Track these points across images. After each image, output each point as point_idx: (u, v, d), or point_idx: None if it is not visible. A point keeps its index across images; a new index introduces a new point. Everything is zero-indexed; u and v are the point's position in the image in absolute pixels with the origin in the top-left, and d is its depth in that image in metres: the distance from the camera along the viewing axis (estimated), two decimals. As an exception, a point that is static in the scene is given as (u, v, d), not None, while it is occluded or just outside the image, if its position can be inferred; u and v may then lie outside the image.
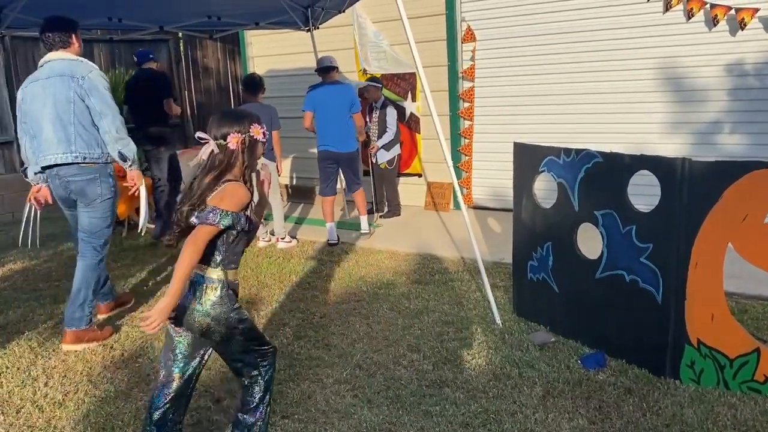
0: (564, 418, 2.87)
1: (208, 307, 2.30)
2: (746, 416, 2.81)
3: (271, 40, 8.38)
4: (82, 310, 3.91)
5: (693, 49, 5.76)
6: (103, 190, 3.93)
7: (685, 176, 3.01)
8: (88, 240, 3.98)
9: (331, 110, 5.94)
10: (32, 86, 3.87)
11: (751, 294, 4.11)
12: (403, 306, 4.31)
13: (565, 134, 6.33)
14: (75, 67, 3.81)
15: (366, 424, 2.88)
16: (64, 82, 3.77)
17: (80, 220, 3.98)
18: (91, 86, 3.78)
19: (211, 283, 2.31)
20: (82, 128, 3.81)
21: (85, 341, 3.90)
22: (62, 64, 3.83)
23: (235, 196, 2.29)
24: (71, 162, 3.81)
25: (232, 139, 2.32)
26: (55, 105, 3.78)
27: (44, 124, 3.81)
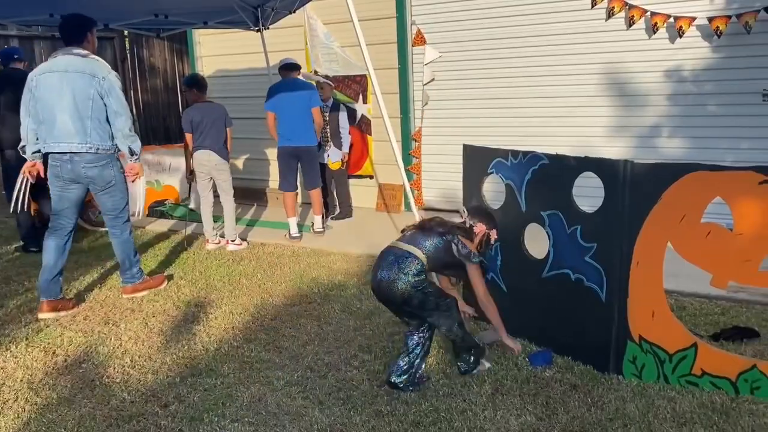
0: (512, 414, 2.92)
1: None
2: (684, 409, 2.92)
3: (220, 39, 8.27)
4: (131, 271, 4.67)
5: (634, 56, 5.96)
6: (115, 173, 4.44)
7: (627, 178, 3.11)
8: (114, 219, 4.56)
9: (292, 106, 5.96)
10: (48, 76, 4.23)
11: (689, 291, 4.27)
12: (355, 307, 4.32)
13: (514, 137, 6.46)
14: (95, 67, 4.25)
15: (317, 426, 2.87)
16: (84, 80, 4.20)
17: (103, 204, 4.52)
18: (110, 87, 4.26)
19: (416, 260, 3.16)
20: (98, 123, 4.28)
21: (141, 291, 4.71)
22: (81, 61, 4.25)
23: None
24: (86, 152, 4.27)
25: (478, 228, 3.42)
26: (74, 99, 4.20)
27: (60, 115, 4.22)
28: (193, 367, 3.51)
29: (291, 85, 6.04)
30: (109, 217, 4.56)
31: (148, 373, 3.46)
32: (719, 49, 5.60)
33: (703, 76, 5.71)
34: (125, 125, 4.32)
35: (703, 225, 2.99)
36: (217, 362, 3.56)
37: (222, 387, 3.27)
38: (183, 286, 4.92)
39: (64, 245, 4.46)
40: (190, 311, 4.37)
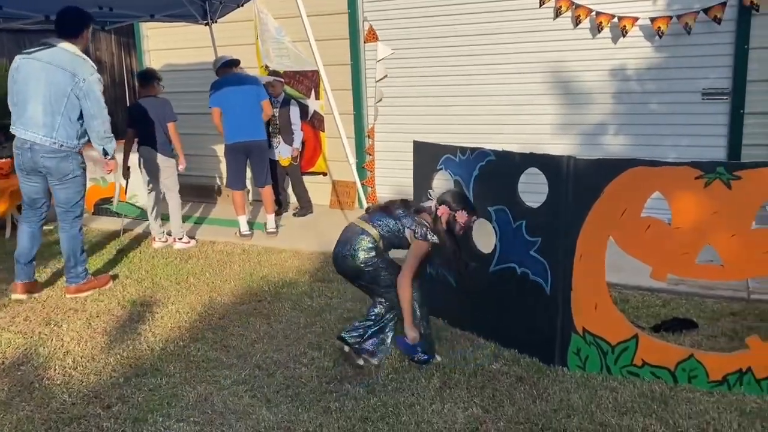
0: (459, 407, 2.96)
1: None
2: (626, 398, 3.00)
3: (169, 33, 8.09)
4: (76, 270, 4.56)
5: (580, 54, 6.08)
6: (74, 167, 4.41)
7: (570, 173, 3.18)
8: (65, 212, 4.50)
9: (239, 100, 5.87)
10: (31, 62, 4.26)
11: (632, 285, 4.39)
12: (306, 304, 4.29)
13: (464, 134, 6.51)
14: (78, 66, 4.26)
15: (264, 424, 2.85)
16: (65, 77, 4.22)
17: (57, 196, 4.48)
18: (89, 89, 4.27)
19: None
20: (68, 120, 4.29)
21: (85, 291, 4.60)
22: (67, 56, 4.27)
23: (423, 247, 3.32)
24: (48, 144, 4.28)
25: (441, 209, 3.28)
26: (50, 92, 4.22)
27: (32, 103, 4.25)
28: (137, 367, 3.43)
29: (236, 80, 5.95)
30: (61, 210, 4.51)
31: (91, 374, 3.38)
32: (661, 49, 5.77)
33: (645, 75, 5.87)
34: (101, 127, 4.38)
35: (643, 219, 3.08)
36: (163, 362, 3.49)
37: (167, 387, 3.21)
38: (129, 286, 4.81)
39: (37, 231, 4.61)
40: (136, 311, 4.28)
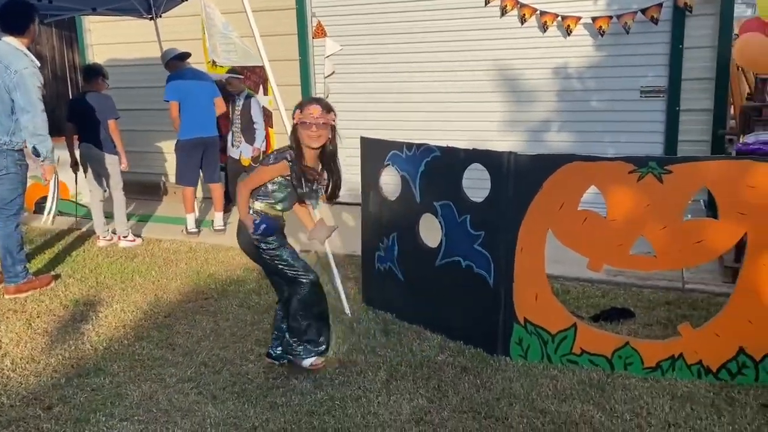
0: (405, 399, 3.01)
1: None
2: (565, 386, 3.10)
3: (113, 27, 7.91)
4: (15, 269, 4.44)
5: (526, 53, 6.22)
6: (7, 164, 4.31)
7: (511, 169, 3.26)
8: (3, 209, 4.38)
9: (197, 96, 5.87)
10: None
11: (572, 276, 4.52)
12: (253, 302, 4.28)
13: (412, 131, 6.55)
14: (14, 58, 4.19)
15: (210, 420, 2.84)
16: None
17: None
18: (20, 81, 4.16)
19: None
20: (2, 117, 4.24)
21: (25, 291, 4.47)
22: (6, 50, 4.22)
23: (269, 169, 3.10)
24: None
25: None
26: None
27: None
28: (80, 368, 3.37)
29: (192, 74, 5.94)
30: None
31: (31, 376, 3.30)
32: (602, 48, 5.95)
33: (587, 73, 6.05)
34: (30, 122, 4.22)
35: (580, 212, 3.19)
36: (106, 361, 3.43)
37: (111, 386, 3.17)
38: (71, 285, 4.70)
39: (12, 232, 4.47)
40: (79, 310, 4.19)
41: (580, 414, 2.85)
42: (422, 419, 2.84)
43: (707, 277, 4.47)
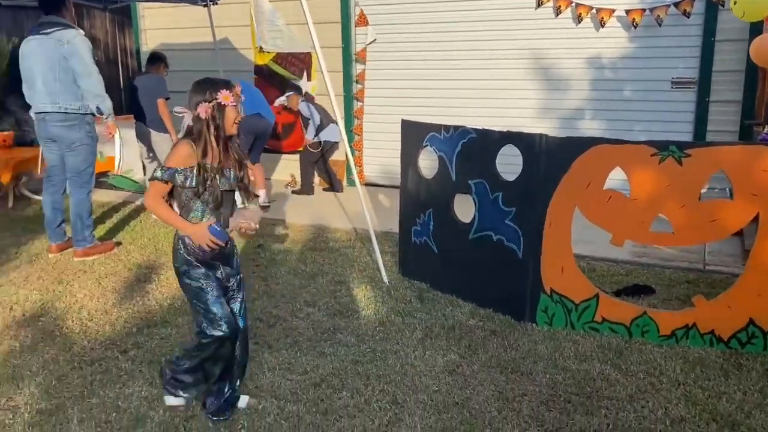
0: (439, 354, 3.34)
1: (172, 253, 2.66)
2: (586, 349, 3.40)
3: (166, 13, 8.34)
4: (83, 234, 4.87)
5: (560, 43, 6.45)
6: (82, 135, 4.77)
7: (542, 150, 3.55)
8: (74, 178, 4.85)
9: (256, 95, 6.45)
10: (29, 42, 4.69)
11: (599, 256, 4.79)
12: (300, 269, 4.65)
13: (449, 117, 6.85)
14: (63, 33, 4.57)
15: (267, 364, 3.21)
16: (53, 44, 4.56)
17: (66, 162, 4.84)
18: (74, 50, 4.57)
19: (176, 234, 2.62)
20: (65, 85, 4.62)
21: (91, 255, 4.91)
22: (53, 27, 4.60)
23: (176, 153, 2.50)
24: (56, 111, 4.65)
25: (200, 109, 2.49)
26: (46, 63, 4.59)
27: (37, 77, 4.65)
28: (148, 320, 3.78)
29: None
30: (70, 176, 4.86)
31: (106, 325, 3.71)
32: (635, 40, 6.15)
33: (620, 63, 6.26)
34: (90, 85, 4.64)
35: (605, 191, 3.46)
36: (171, 315, 3.84)
37: (177, 336, 3.57)
38: (132, 251, 5.13)
39: (58, 201, 4.98)
40: (142, 272, 4.61)
41: (598, 372, 3.15)
42: (454, 371, 3.17)
43: (728, 260, 4.70)
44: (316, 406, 2.84)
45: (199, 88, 2.55)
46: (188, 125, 2.57)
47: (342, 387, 3.01)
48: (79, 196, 4.88)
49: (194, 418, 2.76)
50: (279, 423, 2.72)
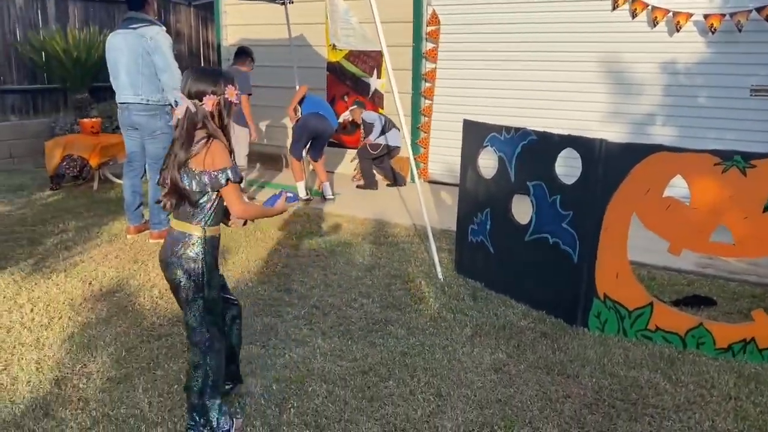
0: (487, 352, 3.40)
1: (183, 262, 2.42)
2: (636, 356, 3.38)
3: (245, 10, 8.66)
4: (159, 217, 5.15)
5: (634, 47, 6.33)
6: (162, 125, 5.08)
7: (601, 154, 3.54)
8: (153, 165, 5.15)
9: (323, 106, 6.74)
10: (115, 37, 5.02)
11: (661, 265, 4.71)
12: (357, 261, 4.79)
13: (516, 117, 6.83)
14: (146, 29, 4.89)
15: (319, 350, 3.36)
16: (137, 39, 4.87)
17: (147, 149, 5.18)
18: (156, 46, 4.87)
19: (191, 239, 2.42)
20: (147, 78, 4.94)
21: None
22: (137, 23, 4.91)
23: (223, 154, 2.37)
24: (138, 102, 4.98)
25: (207, 101, 2.36)
26: (130, 57, 4.91)
27: (121, 70, 4.97)
28: (213, 301, 4.00)
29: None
30: (150, 162, 5.19)
31: (174, 303, 3.92)
32: (712, 45, 5.97)
33: (695, 69, 6.08)
34: (170, 80, 4.92)
35: (664, 198, 3.43)
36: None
37: (238, 317, 3.77)
38: (203, 236, 5.40)
39: (137, 185, 5.34)
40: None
41: (646, 380, 3.14)
42: (500, 369, 3.22)
43: (799, 276, 4.53)
44: (362, 393, 2.96)
45: (205, 77, 2.40)
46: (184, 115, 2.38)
47: (389, 376, 3.12)
48: (156, 182, 5.15)
49: (248, 394, 2.93)
50: (326, 405, 2.85)
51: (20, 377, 3.05)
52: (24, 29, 8.51)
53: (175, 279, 2.46)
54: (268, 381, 3.05)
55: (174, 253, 2.44)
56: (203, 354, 2.51)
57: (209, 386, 2.52)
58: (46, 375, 3.08)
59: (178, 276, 2.45)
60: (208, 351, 2.51)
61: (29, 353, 3.28)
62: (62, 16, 8.92)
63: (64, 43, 8.32)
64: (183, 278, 2.44)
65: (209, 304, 2.51)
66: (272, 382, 3.04)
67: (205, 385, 2.51)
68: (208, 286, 2.48)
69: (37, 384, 2.99)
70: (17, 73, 8.54)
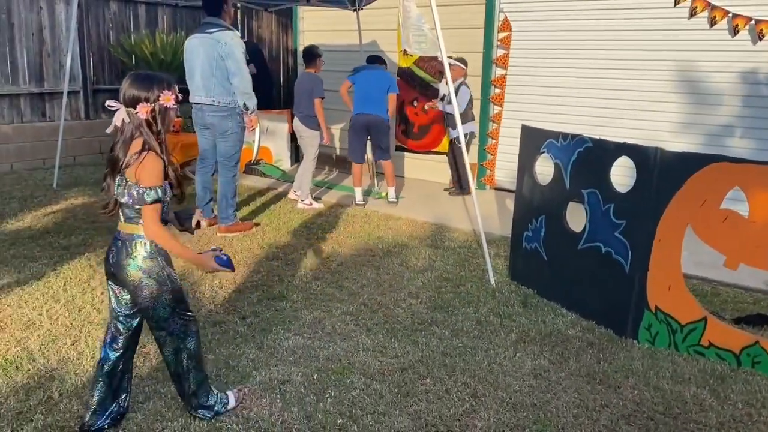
0: (529, 357, 3.39)
1: (139, 261, 2.41)
2: (685, 371, 3.29)
3: (321, 16, 8.93)
4: (227, 212, 5.44)
5: (713, 55, 6.10)
6: (233, 125, 5.33)
7: (656, 163, 3.47)
8: (223, 162, 5.44)
9: (370, 82, 6.57)
10: (192, 41, 5.29)
11: (727, 282, 4.52)
12: (411, 263, 4.86)
13: (586, 126, 6.73)
14: (222, 34, 5.14)
15: (362, 345, 3.46)
16: (212, 44, 5.13)
17: (218, 148, 5.44)
18: (230, 51, 5.11)
19: (140, 239, 2.42)
20: (220, 81, 5.19)
21: (233, 232, 5.48)
22: (213, 28, 5.17)
23: (154, 170, 2.32)
24: (210, 103, 5.25)
25: (141, 109, 2.31)
26: (205, 60, 5.18)
27: (196, 72, 5.26)
28: (269, 293, 4.18)
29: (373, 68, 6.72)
30: (221, 160, 5.45)
31: (232, 294, 4.16)
32: (797, 54, 5.67)
33: (778, 79, 5.80)
34: (240, 83, 5.16)
35: (721, 210, 3.32)
36: (289, 291, 4.21)
37: (290, 310, 3.92)
38: (267, 232, 5.63)
39: (208, 182, 5.63)
40: (272, 251, 5.06)
41: (692, 395, 3.05)
42: (540, 375, 3.21)
43: None
44: (398, 388, 3.03)
45: (138, 83, 2.34)
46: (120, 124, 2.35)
47: (427, 374, 3.18)
48: (226, 178, 5.44)
49: (289, 382, 3.06)
50: (362, 397, 2.94)
51: (85, 353, 3.30)
52: (117, 33, 9.09)
53: (133, 281, 2.42)
54: (310, 371, 3.17)
55: (128, 254, 2.42)
56: (181, 340, 2.56)
57: (194, 367, 2.62)
58: (109, 352, 3.32)
59: (137, 277, 2.42)
60: (185, 336, 2.57)
61: (96, 331, 3.54)
62: (152, 21, 9.47)
63: (152, 46, 8.83)
64: (143, 278, 2.42)
65: (176, 295, 2.52)
66: (314, 372, 3.16)
67: (189, 366, 2.60)
68: (170, 278, 2.49)
69: (100, 359, 3.23)
70: (109, 74, 9.12)
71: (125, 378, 2.67)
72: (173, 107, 2.40)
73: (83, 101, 8.85)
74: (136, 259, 2.42)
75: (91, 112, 8.96)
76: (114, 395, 2.63)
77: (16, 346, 3.35)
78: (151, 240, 2.42)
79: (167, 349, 2.58)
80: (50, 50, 8.37)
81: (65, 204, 6.36)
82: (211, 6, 5.28)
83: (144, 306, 2.48)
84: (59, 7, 8.39)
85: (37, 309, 3.81)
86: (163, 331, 2.54)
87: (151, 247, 2.44)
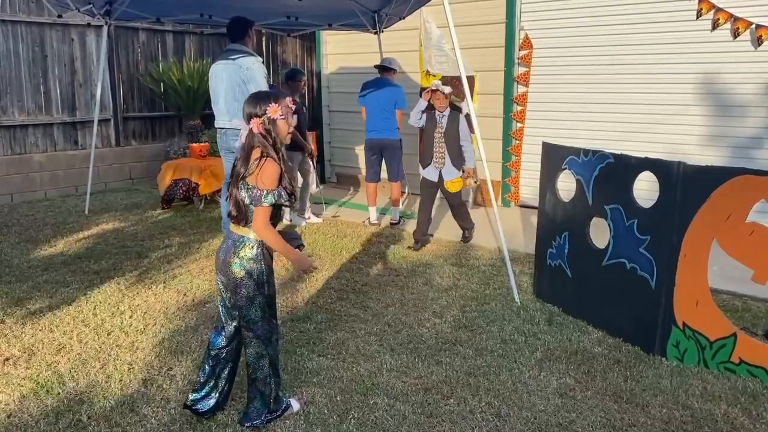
0: (554, 376, 3.36)
1: (245, 262, 2.66)
2: (716, 389, 3.22)
3: (343, 40, 9.05)
4: None
5: (737, 67, 6.03)
6: None
7: (680, 178, 3.43)
8: None
9: (380, 103, 6.58)
10: (216, 67, 5.41)
11: (761, 297, 4.43)
12: (436, 282, 4.86)
13: (609, 141, 6.69)
14: (244, 59, 5.24)
15: (386, 366, 3.46)
16: (235, 69, 5.23)
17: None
18: (252, 76, 5.19)
19: (249, 242, 2.68)
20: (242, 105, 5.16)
21: None
22: (236, 54, 5.28)
23: (272, 174, 2.59)
24: (233, 128, 5.13)
25: (253, 123, 2.65)
26: (228, 85, 5.28)
27: (220, 97, 5.38)
28: (293, 314, 4.21)
29: (383, 84, 6.68)
30: None
31: (257, 316, 4.20)
32: (825, 63, 5.58)
33: (806, 89, 5.70)
34: None
35: (747, 224, 3.27)
36: (313, 312, 4.23)
37: (314, 331, 3.94)
38: (292, 254, 5.67)
39: None
40: (296, 273, 5.10)
41: (722, 413, 2.98)
42: (566, 394, 3.18)
43: None
44: (422, 409, 3.02)
45: (249, 102, 2.70)
46: (244, 140, 2.68)
47: (451, 394, 3.16)
48: None
49: (312, 403, 3.07)
50: (385, 418, 2.94)
51: (113, 376, 3.36)
52: (146, 61, 9.33)
53: (235, 278, 2.68)
54: (333, 391, 3.18)
55: (235, 254, 2.69)
56: (265, 345, 2.78)
57: (272, 373, 2.82)
58: (136, 375, 3.37)
59: (239, 275, 2.68)
60: (269, 342, 2.79)
61: (124, 354, 3.60)
62: (179, 49, 9.70)
63: (180, 73, 9.03)
64: (245, 277, 2.68)
65: (269, 300, 2.79)
66: (337, 393, 3.16)
67: (269, 372, 2.81)
68: (268, 283, 2.75)
69: (127, 383, 3.29)
70: (138, 102, 9.35)
71: (228, 367, 2.92)
72: (281, 117, 2.68)
73: (114, 129, 9.09)
74: (243, 259, 2.67)
75: (121, 139, 9.18)
76: (215, 382, 2.90)
77: (47, 370, 3.42)
78: (259, 243, 2.68)
79: (251, 351, 2.78)
80: (82, 80, 8.62)
81: (96, 229, 6.50)
82: (235, 32, 5.41)
83: (240, 305, 2.72)
84: (90, 38, 8.65)
85: (68, 333, 3.90)
86: (251, 332, 2.76)
87: (258, 251, 2.68)
